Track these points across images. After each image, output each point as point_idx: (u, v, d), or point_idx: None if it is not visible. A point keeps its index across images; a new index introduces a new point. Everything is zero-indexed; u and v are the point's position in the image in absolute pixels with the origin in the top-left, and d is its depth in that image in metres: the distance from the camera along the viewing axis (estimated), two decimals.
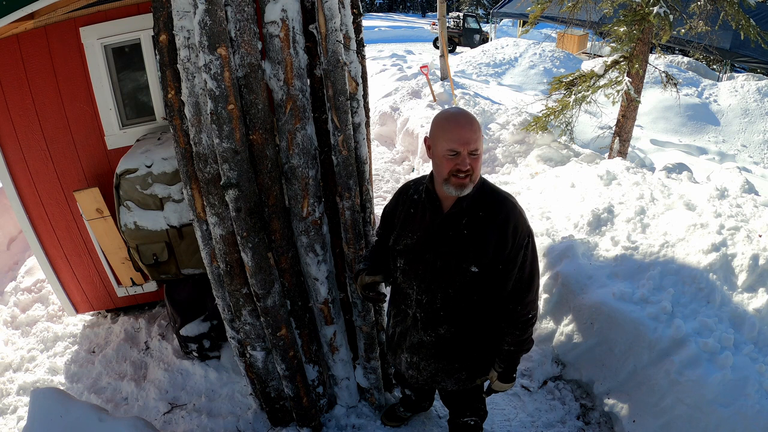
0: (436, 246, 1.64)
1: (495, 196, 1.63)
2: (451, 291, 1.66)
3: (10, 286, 3.97)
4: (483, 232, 1.59)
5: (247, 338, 2.24)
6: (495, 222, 1.58)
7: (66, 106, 2.87)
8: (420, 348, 1.80)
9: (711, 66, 13.24)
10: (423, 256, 1.67)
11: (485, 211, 1.60)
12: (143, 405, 2.82)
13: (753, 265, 2.62)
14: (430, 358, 1.80)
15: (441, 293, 1.68)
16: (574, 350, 2.83)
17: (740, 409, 2.13)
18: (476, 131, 1.49)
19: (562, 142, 6.09)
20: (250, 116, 1.83)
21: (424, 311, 1.73)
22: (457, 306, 1.68)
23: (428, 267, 1.67)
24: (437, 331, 1.74)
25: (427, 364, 1.82)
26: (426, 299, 1.71)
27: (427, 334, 1.76)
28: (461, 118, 1.51)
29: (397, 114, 7.52)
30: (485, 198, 1.61)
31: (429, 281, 1.68)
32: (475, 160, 1.51)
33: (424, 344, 1.78)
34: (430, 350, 1.78)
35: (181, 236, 2.68)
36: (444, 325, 1.72)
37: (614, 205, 3.50)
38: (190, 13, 1.70)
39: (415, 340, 1.80)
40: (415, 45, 19.76)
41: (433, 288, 1.68)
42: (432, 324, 1.73)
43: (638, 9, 5.02)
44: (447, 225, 1.62)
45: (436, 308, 1.70)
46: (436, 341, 1.76)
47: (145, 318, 3.48)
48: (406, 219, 1.73)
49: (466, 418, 2.05)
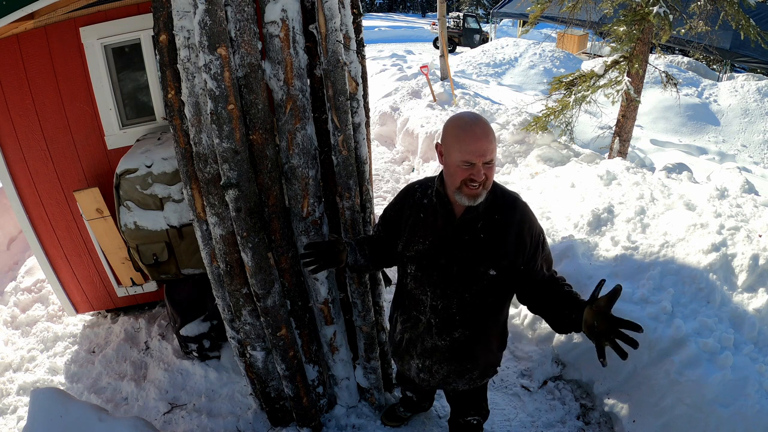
0: (452, 251, 1.60)
1: (506, 198, 1.61)
2: (467, 295, 1.63)
3: (10, 286, 3.97)
4: (501, 235, 1.56)
5: (247, 338, 2.24)
6: (511, 224, 1.56)
7: (66, 106, 2.87)
8: (434, 353, 1.77)
9: (711, 66, 13.24)
10: (437, 262, 1.63)
11: (500, 214, 1.57)
12: (143, 405, 2.82)
13: (753, 265, 2.62)
14: (443, 361, 1.77)
15: (457, 298, 1.64)
16: (574, 350, 2.83)
17: (740, 409, 2.13)
18: (492, 141, 1.44)
19: (562, 142, 6.09)
20: (250, 116, 1.83)
21: (439, 317, 1.70)
22: (473, 310, 1.66)
23: (443, 272, 1.63)
24: (452, 336, 1.71)
25: (439, 368, 1.79)
26: (441, 305, 1.68)
27: (441, 339, 1.73)
28: (477, 129, 1.43)
29: (397, 114, 7.53)
30: (498, 201, 1.58)
31: (444, 287, 1.65)
32: (489, 169, 1.46)
33: (438, 349, 1.75)
34: (444, 354, 1.76)
35: (181, 236, 2.68)
36: (459, 329, 1.70)
37: (614, 205, 3.50)
38: (190, 13, 1.70)
39: (429, 345, 1.77)
40: (415, 45, 19.76)
41: (449, 293, 1.65)
42: (447, 329, 1.71)
43: (638, 9, 5.02)
44: (462, 230, 1.58)
45: (452, 313, 1.67)
46: (450, 345, 1.73)
47: (145, 318, 3.48)
48: (416, 224, 1.67)
49: (470, 417, 2.05)
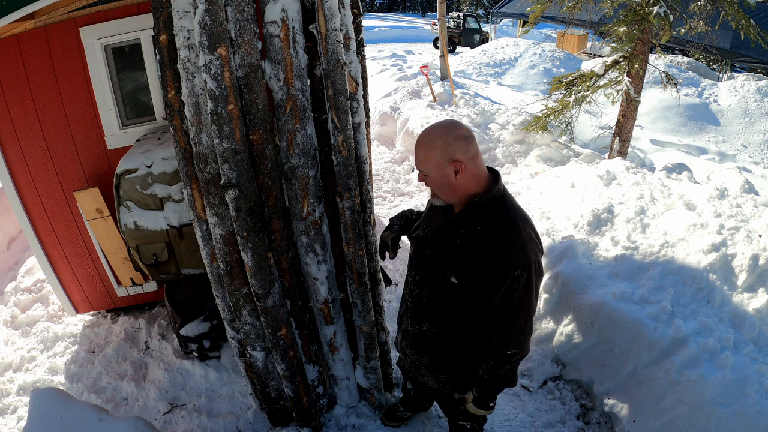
0: (434, 245, 1.67)
1: (502, 215, 1.52)
2: (435, 293, 1.69)
3: (10, 286, 3.97)
4: (473, 246, 1.52)
5: (247, 338, 2.24)
6: (487, 240, 1.49)
7: (66, 106, 2.87)
8: (407, 335, 1.88)
9: (711, 66, 13.25)
10: (424, 252, 1.71)
11: (483, 226, 1.51)
12: (143, 405, 2.82)
13: (753, 265, 2.62)
14: (414, 348, 1.87)
15: (427, 292, 1.71)
16: (574, 350, 2.83)
17: (740, 409, 2.13)
18: (426, 152, 1.49)
19: (562, 142, 6.09)
20: (250, 116, 1.83)
21: (414, 303, 1.79)
22: (438, 309, 1.70)
23: (424, 263, 1.71)
24: (421, 326, 1.79)
25: (411, 352, 1.89)
26: (416, 291, 1.77)
27: (412, 324, 1.82)
28: (422, 136, 1.52)
29: (397, 114, 7.52)
30: (490, 213, 1.52)
31: (422, 276, 1.73)
32: (425, 178, 1.55)
33: (410, 333, 1.85)
34: (414, 341, 1.85)
35: (181, 236, 2.68)
36: (427, 322, 1.76)
37: (614, 205, 3.50)
38: (190, 13, 1.70)
39: (405, 326, 1.88)
40: (415, 45, 19.75)
41: (423, 284, 1.73)
42: (417, 317, 1.79)
43: (638, 9, 5.02)
44: (447, 229, 1.62)
45: (422, 304, 1.75)
46: (419, 334, 1.81)
47: (145, 318, 3.48)
48: (428, 211, 1.78)
49: (461, 421, 2.04)
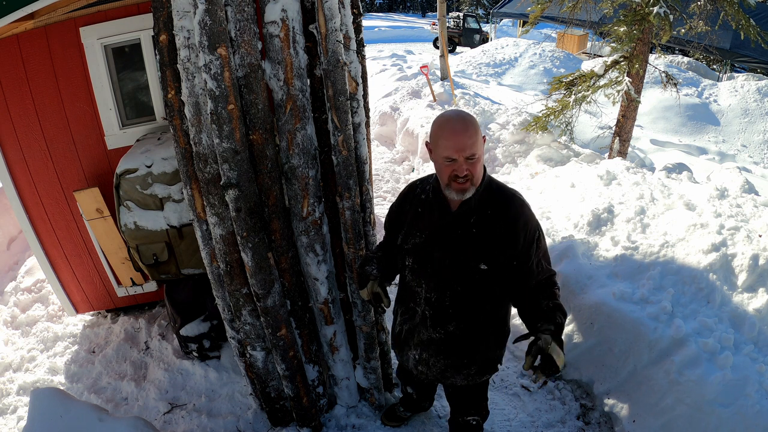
0: (445, 245, 1.64)
1: (503, 193, 1.64)
2: (459, 288, 1.67)
3: (10, 286, 3.97)
4: (492, 230, 1.59)
5: (247, 338, 2.24)
6: (505, 219, 1.59)
7: (66, 106, 2.87)
8: (429, 345, 1.81)
9: (711, 66, 13.24)
10: (432, 255, 1.68)
11: (494, 209, 1.60)
12: (143, 405, 2.82)
13: (753, 265, 2.62)
14: (440, 354, 1.80)
15: (450, 291, 1.68)
16: (574, 350, 2.83)
17: (740, 409, 2.13)
18: (472, 136, 1.47)
19: (562, 142, 6.08)
20: (250, 116, 1.83)
21: (433, 309, 1.74)
22: (466, 303, 1.69)
23: (437, 265, 1.67)
24: (446, 329, 1.75)
25: (436, 361, 1.82)
26: (435, 297, 1.72)
27: (436, 331, 1.77)
28: (457, 124, 1.48)
29: (397, 114, 7.52)
30: (493, 196, 1.61)
31: (438, 279, 1.69)
32: (472, 164, 1.50)
33: (434, 341, 1.79)
34: (440, 347, 1.79)
35: (181, 236, 2.68)
36: (453, 322, 1.73)
37: (614, 205, 3.50)
38: (190, 13, 1.70)
39: (425, 337, 1.80)
40: (415, 45, 19.75)
41: (442, 286, 1.69)
42: (441, 321, 1.74)
43: (638, 9, 5.02)
44: (455, 224, 1.62)
45: (445, 306, 1.71)
46: (445, 338, 1.76)
47: (145, 318, 3.48)
48: (415, 218, 1.73)
49: (470, 417, 2.04)
